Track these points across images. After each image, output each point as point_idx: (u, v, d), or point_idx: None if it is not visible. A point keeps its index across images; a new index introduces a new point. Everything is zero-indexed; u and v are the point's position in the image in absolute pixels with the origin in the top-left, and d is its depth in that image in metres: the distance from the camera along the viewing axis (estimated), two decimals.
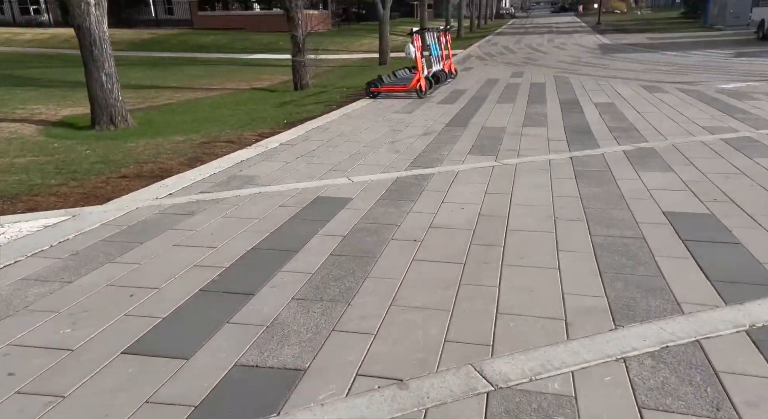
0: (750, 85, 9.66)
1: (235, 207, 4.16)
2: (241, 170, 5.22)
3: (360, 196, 4.42)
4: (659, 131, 6.49)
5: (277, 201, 4.29)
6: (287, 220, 3.87)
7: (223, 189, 4.63)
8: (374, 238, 3.52)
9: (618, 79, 11.82)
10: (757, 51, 15.97)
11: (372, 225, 3.75)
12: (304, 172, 5.18)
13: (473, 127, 7.42)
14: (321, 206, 4.18)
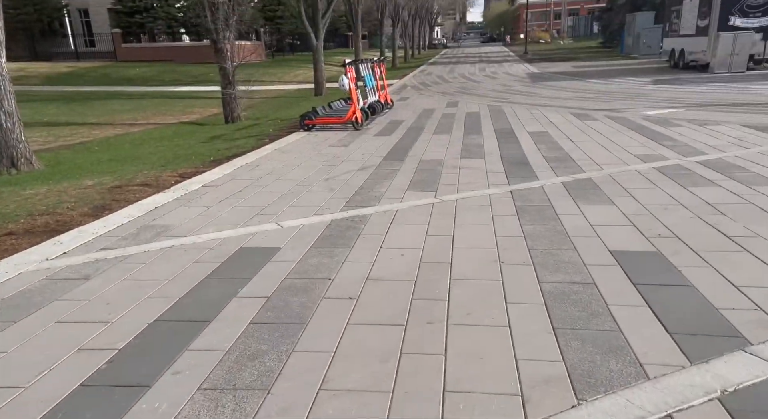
0: (671, 111, 10.11)
1: (142, 266, 3.61)
2: (155, 219, 4.66)
3: (290, 244, 3.99)
4: (594, 160, 6.50)
5: (192, 256, 3.78)
6: (202, 280, 3.37)
7: (130, 244, 4.06)
8: (303, 298, 3.09)
9: (549, 107, 12.12)
10: (671, 78, 17.05)
11: (302, 281, 3.32)
12: (228, 218, 4.68)
13: (411, 160, 7.19)
14: (244, 259, 3.71)
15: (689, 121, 8.83)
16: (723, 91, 12.93)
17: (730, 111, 9.71)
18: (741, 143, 6.79)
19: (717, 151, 6.48)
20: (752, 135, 7.24)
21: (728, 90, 13.13)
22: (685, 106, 10.79)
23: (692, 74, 17.60)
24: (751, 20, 16.72)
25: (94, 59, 31.13)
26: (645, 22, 28.23)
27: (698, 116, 9.35)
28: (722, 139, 7.17)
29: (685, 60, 19.36)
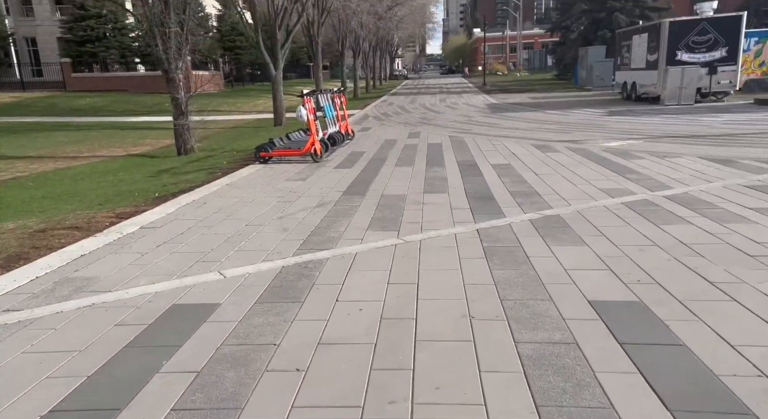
0: (630, 143, 10.18)
1: (50, 333, 3.04)
2: (77, 270, 4.07)
3: (231, 299, 3.49)
4: (561, 195, 6.29)
5: (114, 317, 3.23)
6: (121, 349, 2.83)
7: (42, 303, 3.47)
8: (241, 371, 2.60)
9: (510, 138, 12.08)
10: (625, 110, 17.51)
11: (241, 348, 2.83)
12: (163, 267, 4.14)
13: (372, 195, 6.81)
14: (175, 320, 3.19)
15: (649, 153, 8.85)
16: (675, 123, 13.25)
17: (686, 143, 9.84)
18: (704, 177, 6.74)
19: (682, 185, 6.38)
20: (712, 168, 7.24)
21: (680, 122, 13.47)
22: (642, 137, 10.92)
23: (645, 106, 18.15)
24: (696, 55, 17.47)
25: (42, 89, 29.85)
26: (597, 55, 29.33)
27: (657, 148, 9.41)
28: (684, 172, 7.12)
29: (637, 92, 20.02)
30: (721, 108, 15.98)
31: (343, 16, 24.71)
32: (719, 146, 9.10)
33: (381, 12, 28.49)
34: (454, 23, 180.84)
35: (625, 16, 30.49)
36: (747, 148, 8.77)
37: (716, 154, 8.31)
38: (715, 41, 17.20)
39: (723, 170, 7.04)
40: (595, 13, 32.11)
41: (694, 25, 17.37)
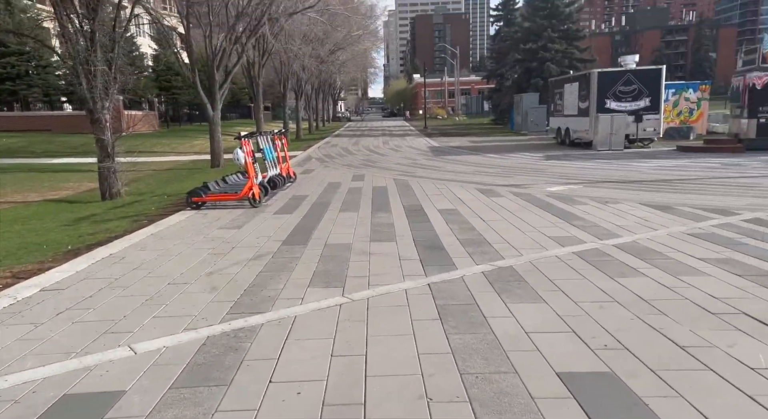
0: (570, 188, 10.33)
1: None
2: None
3: (140, 384, 2.88)
4: (511, 243, 6.07)
5: None
6: None
7: None
8: None
9: (454, 182, 12.03)
10: (561, 155, 18.17)
11: None
12: (60, 342, 3.45)
13: (315, 244, 6.34)
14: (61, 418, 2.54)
15: (591, 198, 8.94)
16: (609, 168, 13.75)
17: (624, 188, 10.09)
18: (647, 224, 6.77)
19: (629, 232, 6.35)
20: (654, 215, 7.32)
21: (613, 167, 14.01)
22: (581, 182, 11.15)
23: (578, 151, 18.92)
24: (623, 104, 18.55)
25: None
26: (531, 102, 30.79)
27: (597, 193, 9.57)
28: (629, 219, 7.15)
29: (570, 138, 20.93)
30: (648, 154, 16.87)
31: (284, 59, 24.62)
32: (655, 192, 9.36)
33: (323, 56, 28.70)
34: (395, 68, 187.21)
35: (555, 65, 32.38)
36: (680, 194, 9.05)
37: (654, 200, 8.49)
38: (640, 91, 18.36)
39: (664, 217, 7.13)
40: (528, 63, 33.92)
41: (620, 76, 18.51)
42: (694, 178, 11.02)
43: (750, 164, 12.72)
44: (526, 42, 34.45)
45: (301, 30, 21.69)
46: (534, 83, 32.97)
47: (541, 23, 33.14)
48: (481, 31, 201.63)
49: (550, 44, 32.71)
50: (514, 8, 42.76)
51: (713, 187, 9.65)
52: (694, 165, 13.26)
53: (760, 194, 8.62)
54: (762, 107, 15.54)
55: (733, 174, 11.19)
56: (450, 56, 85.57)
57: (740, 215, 6.91)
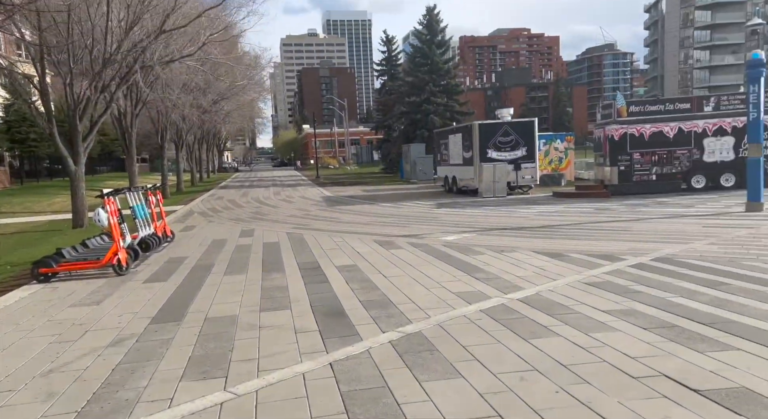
0: (465, 236, 10.34)
1: None
2: None
3: None
4: (417, 303, 5.64)
5: None
6: None
7: None
8: None
9: (352, 234, 11.58)
10: (451, 202, 18.68)
11: None
12: None
13: (193, 319, 5.41)
14: None
15: (487, 247, 8.94)
16: (497, 215, 14.24)
17: (514, 235, 10.32)
18: (546, 273, 6.76)
19: (530, 283, 6.24)
20: (549, 263, 7.39)
21: (501, 214, 14.53)
22: (474, 230, 11.27)
23: (466, 198, 19.60)
24: (503, 153, 19.73)
25: None
26: (418, 151, 31.93)
27: (492, 241, 9.63)
28: (526, 268, 7.12)
29: (457, 186, 21.73)
30: (530, 200, 17.89)
31: (162, 108, 23.03)
32: (544, 239, 9.65)
33: (206, 106, 27.45)
34: (284, 118, 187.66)
35: (438, 117, 34.15)
36: (567, 240, 9.40)
37: (545, 247, 8.68)
38: (517, 142, 19.67)
39: (559, 265, 7.20)
40: (413, 115, 35.45)
41: (499, 127, 19.75)
42: (574, 223, 11.65)
43: (618, 209, 13.86)
44: (410, 95, 36.09)
45: (180, 79, 20.47)
46: (420, 134, 34.39)
47: (423, 78, 35.05)
48: (366, 84, 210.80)
49: (432, 98, 34.56)
50: (396, 64, 44.98)
51: (594, 232, 10.19)
52: (571, 210, 14.16)
53: (634, 237, 9.21)
54: (621, 156, 17.31)
55: (606, 219, 12.03)
56: (338, 108, 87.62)
57: (626, 261, 7.18)
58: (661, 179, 17.06)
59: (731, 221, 10.31)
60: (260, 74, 36.14)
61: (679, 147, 16.84)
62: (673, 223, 10.57)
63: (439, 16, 35.63)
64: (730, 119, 16.41)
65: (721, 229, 9.43)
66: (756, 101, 11.17)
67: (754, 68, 11.20)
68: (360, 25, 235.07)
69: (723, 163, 16.59)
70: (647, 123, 17.02)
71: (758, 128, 11.29)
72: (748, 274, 6.01)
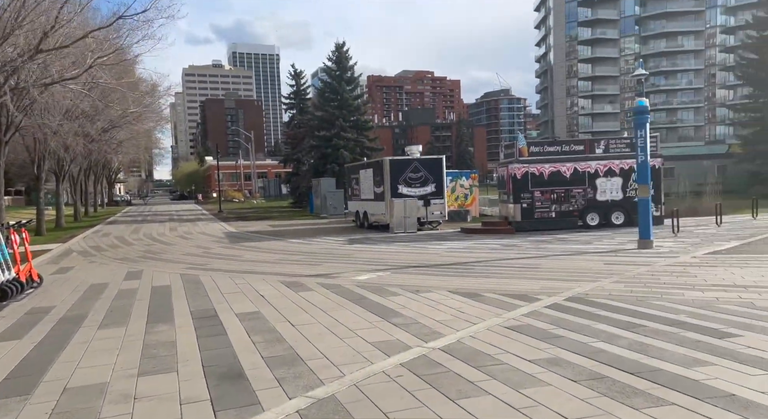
0: (379, 275, 9.86)
1: None
2: None
3: None
4: (329, 357, 4.98)
5: None
6: None
7: None
8: None
9: (255, 274, 10.64)
10: (363, 238, 18.24)
11: None
12: None
13: (46, 392, 4.33)
14: None
15: (402, 287, 8.50)
16: (410, 252, 13.99)
17: (428, 273, 10.02)
18: (465, 316, 6.41)
19: (450, 329, 5.84)
20: (466, 304, 7.08)
21: (413, 250, 14.31)
22: (388, 268, 10.84)
23: (378, 234, 19.30)
24: (413, 189, 19.80)
25: None
26: (329, 186, 31.41)
27: (406, 280, 9.23)
28: (445, 311, 6.74)
29: (368, 221, 21.42)
30: (439, 236, 17.96)
31: (39, 136, 20.50)
32: (458, 277, 9.42)
33: (94, 134, 25.02)
34: (185, 150, 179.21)
35: (348, 152, 34.04)
36: (482, 278, 9.24)
37: (461, 286, 8.41)
38: (426, 178, 19.86)
39: (476, 307, 6.91)
40: (323, 149, 35.07)
41: (409, 163, 19.86)
42: (485, 260, 11.64)
43: (523, 245, 14.20)
44: (320, 129, 35.75)
45: (63, 104, 18.37)
46: (330, 168, 33.98)
47: (333, 113, 34.95)
48: (274, 118, 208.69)
49: (342, 133, 34.47)
50: (305, 98, 44.71)
51: (505, 270, 10.17)
52: (480, 246, 14.29)
53: (544, 275, 9.26)
54: (523, 194, 18.01)
55: (514, 255, 12.19)
56: (244, 140, 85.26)
57: (541, 301, 7.06)
58: (560, 216, 17.92)
59: (628, 258, 10.81)
60: (158, 102, 33.92)
61: (575, 186, 17.86)
62: (577, 260, 10.88)
63: (348, 53, 36.08)
64: (618, 161, 17.76)
65: (622, 266, 9.80)
66: (643, 145, 12.05)
67: (640, 115, 12.13)
68: (267, 59, 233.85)
69: (613, 202, 17.81)
70: (546, 163, 17.93)
71: (646, 170, 12.14)
72: (658, 314, 6.06)
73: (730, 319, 5.70)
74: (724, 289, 7.32)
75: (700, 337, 5.08)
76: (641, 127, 12.10)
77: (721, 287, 7.50)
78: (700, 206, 21.55)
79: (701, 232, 15.06)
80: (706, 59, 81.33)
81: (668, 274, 8.74)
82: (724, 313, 5.99)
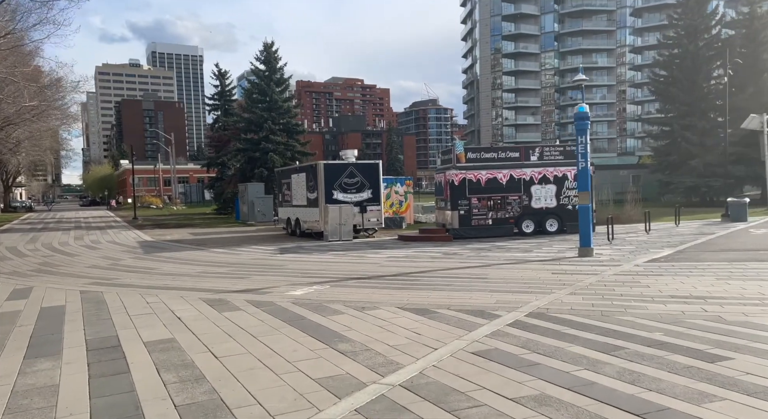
0: (317, 289, 8.83)
1: None
2: None
3: None
4: (263, 403, 3.95)
5: None
6: None
7: None
8: None
9: (171, 290, 9.25)
10: (295, 247, 17.04)
11: None
12: None
13: None
14: None
15: (345, 303, 7.55)
16: (347, 261, 13.04)
17: (371, 286, 9.13)
18: (422, 340, 5.57)
19: (409, 358, 4.97)
20: (421, 324, 6.26)
21: (350, 259, 13.37)
22: (325, 280, 9.83)
23: (311, 242, 18.16)
24: (349, 195, 18.88)
25: None
26: (257, 191, 29.70)
27: (348, 294, 8.28)
28: (398, 333, 5.87)
29: (301, 228, 20.20)
30: (377, 244, 17.14)
31: None
32: (405, 290, 8.61)
33: None
34: (97, 153, 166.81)
35: (278, 157, 32.49)
36: (430, 291, 8.49)
37: (410, 301, 7.60)
38: (362, 184, 19.00)
39: (432, 327, 6.10)
40: (251, 152, 33.26)
41: (344, 168, 18.92)
42: (428, 270, 10.93)
43: (464, 253, 13.69)
44: (247, 132, 33.93)
45: None
46: (258, 172, 32.24)
47: (262, 115, 33.27)
48: (198, 122, 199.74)
49: (271, 135, 32.84)
50: (231, 99, 42.54)
51: (452, 280, 9.49)
52: (421, 255, 13.62)
53: (496, 287, 8.65)
54: (461, 201, 17.64)
55: (457, 265, 11.59)
56: (164, 143, 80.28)
57: (501, 317, 6.39)
58: (497, 223, 17.69)
59: (573, 267, 10.50)
60: (63, 98, 30.65)
61: (511, 193, 17.73)
62: (523, 269, 10.43)
63: (278, 54, 34.57)
64: (552, 169, 17.85)
65: (570, 276, 9.43)
66: (584, 151, 11.92)
67: (581, 121, 12.00)
68: (190, 61, 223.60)
69: (548, 209, 17.84)
70: (483, 169, 17.67)
71: (587, 177, 12.02)
72: (632, 333, 5.53)
73: (709, 337, 5.27)
74: (684, 301, 7.02)
75: (690, 361, 4.55)
76: (582, 133, 11.97)
77: (680, 298, 7.20)
78: (622, 214, 22.32)
79: (633, 239, 15.31)
80: (617, 76, 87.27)
81: (620, 285, 8.42)
82: (699, 329, 5.57)
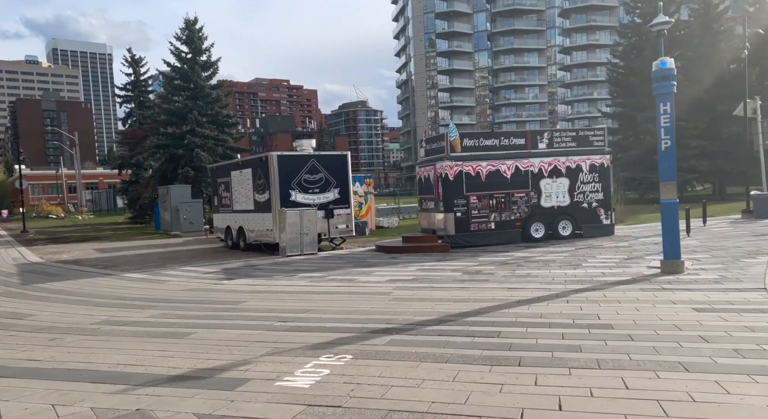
0: (333, 366, 4.69)
1: None
2: None
3: None
4: None
5: None
6: None
7: None
8: None
9: (34, 386, 4.74)
10: (243, 266, 12.60)
11: None
12: None
13: None
14: None
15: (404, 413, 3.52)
16: (334, 290, 8.94)
17: (420, 346, 5.17)
18: None
19: None
20: None
21: (337, 287, 9.28)
22: (331, 340, 5.71)
23: (263, 258, 13.74)
24: (310, 196, 14.69)
25: None
26: (182, 195, 24.45)
27: (408, 387, 4.26)
28: None
29: (246, 240, 15.64)
30: (354, 259, 13.05)
31: None
32: (485, 365, 4.73)
33: None
34: None
35: (207, 153, 27.29)
36: (528, 357, 4.64)
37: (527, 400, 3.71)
38: (327, 181, 14.81)
39: None
40: (173, 149, 27.77)
41: (305, 161, 14.59)
42: (485, 309, 7.10)
43: (494, 271, 10.01)
44: (168, 125, 28.45)
45: None
46: (183, 173, 26.83)
47: (186, 104, 27.89)
48: (108, 124, 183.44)
49: (198, 128, 27.53)
50: (147, 90, 36.45)
51: (558, 329, 5.70)
52: (434, 276, 9.78)
53: (641, 351, 4.96)
54: (457, 200, 14.00)
55: (516, 294, 7.86)
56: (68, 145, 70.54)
57: None
58: (500, 226, 14.17)
59: (694, 295, 7.10)
60: None
61: (517, 189, 14.30)
62: (637, 304, 6.87)
63: (203, 32, 29.27)
64: (564, 158, 14.59)
65: (716, 314, 5.96)
66: (668, 124, 8.60)
67: (663, 81, 8.66)
68: (98, 59, 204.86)
69: (560, 208, 14.56)
70: (483, 160, 14.11)
71: (672, 162, 8.73)
72: None
73: None
74: None
75: None
76: (665, 98, 8.62)
77: None
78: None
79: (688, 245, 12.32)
80: (549, 76, 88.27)
81: None
82: None
